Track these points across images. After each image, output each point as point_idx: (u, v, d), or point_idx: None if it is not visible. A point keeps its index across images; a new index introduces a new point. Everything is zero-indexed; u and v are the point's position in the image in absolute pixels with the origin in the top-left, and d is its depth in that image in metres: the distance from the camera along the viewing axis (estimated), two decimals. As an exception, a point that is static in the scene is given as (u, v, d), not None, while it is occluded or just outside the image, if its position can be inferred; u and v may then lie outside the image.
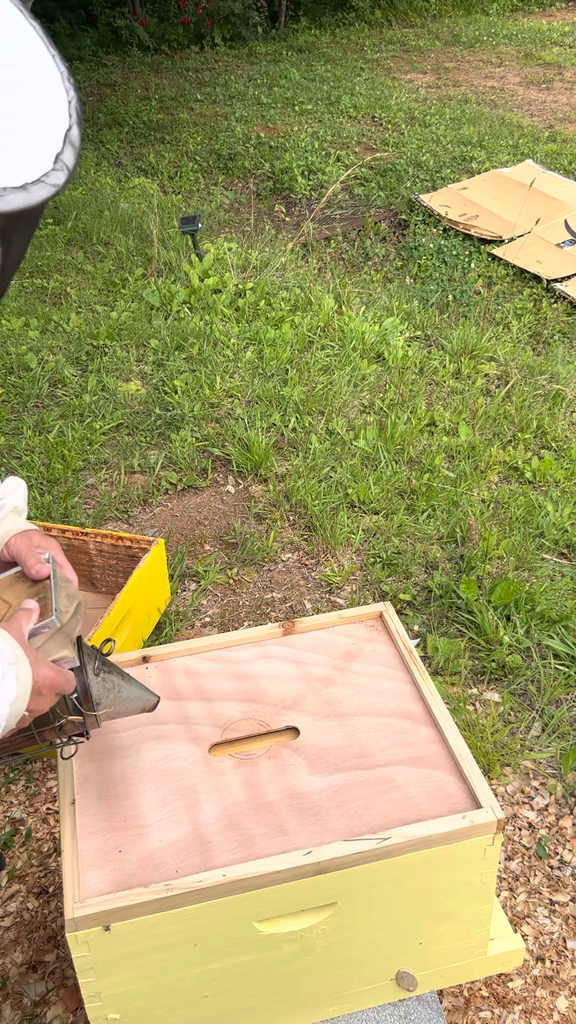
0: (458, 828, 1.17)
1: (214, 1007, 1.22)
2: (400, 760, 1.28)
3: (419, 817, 1.19)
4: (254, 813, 1.21)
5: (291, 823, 1.19)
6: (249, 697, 1.39)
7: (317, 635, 1.51)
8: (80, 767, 1.29)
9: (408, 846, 1.16)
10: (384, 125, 6.94)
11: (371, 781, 1.25)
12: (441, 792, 1.23)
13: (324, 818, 1.20)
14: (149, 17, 9.85)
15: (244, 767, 1.28)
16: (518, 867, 1.78)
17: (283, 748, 1.31)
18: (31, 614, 1.01)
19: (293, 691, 1.40)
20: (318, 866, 1.13)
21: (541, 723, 2.06)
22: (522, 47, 9.06)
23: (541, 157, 5.88)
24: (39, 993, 1.57)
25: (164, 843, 1.17)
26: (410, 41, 9.61)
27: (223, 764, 1.28)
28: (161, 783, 1.25)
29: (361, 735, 1.32)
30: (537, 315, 4.06)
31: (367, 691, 1.39)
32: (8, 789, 1.94)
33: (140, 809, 1.22)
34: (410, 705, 1.37)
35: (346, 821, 1.19)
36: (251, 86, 8.13)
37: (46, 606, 1.03)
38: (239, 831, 1.18)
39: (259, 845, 1.16)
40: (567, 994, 1.57)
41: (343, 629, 1.51)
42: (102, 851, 1.17)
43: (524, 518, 2.65)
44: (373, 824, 1.19)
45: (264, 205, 5.71)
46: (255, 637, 1.50)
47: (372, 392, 3.31)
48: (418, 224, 5.06)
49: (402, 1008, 1.33)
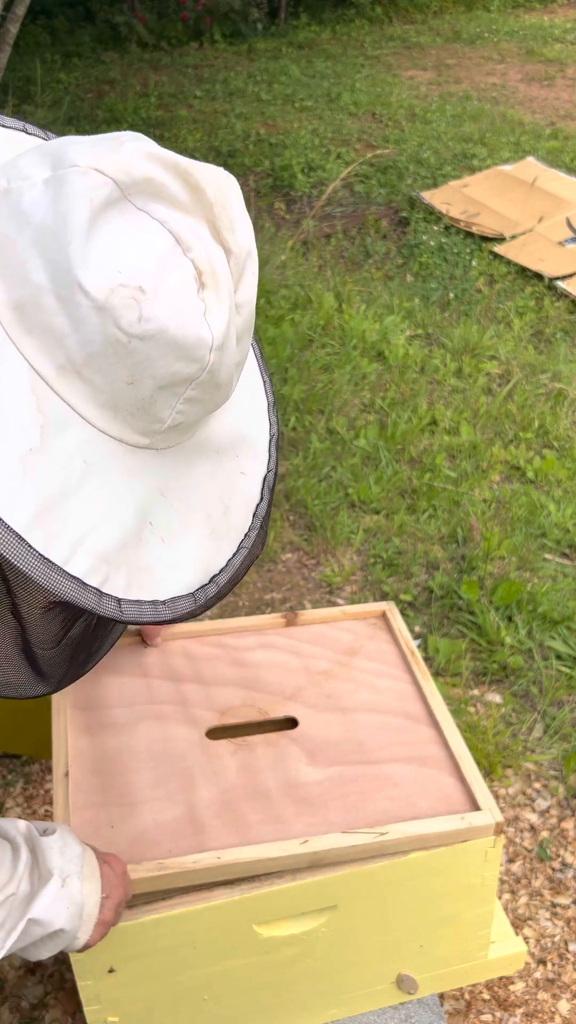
0: (456, 829, 1.16)
1: (213, 1010, 1.21)
2: (399, 758, 1.27)
3: (417, 815, 1.18)
4: (250, 799, 1.19)
5: (288, 811, 1.18)
6: (248, 685, 1.37)
7: (319, 628, 1.50)
8: (75, 740, 1.27)
9: (405, 843, 1.15)
10: (385, 122, 6.92)
11: (370, 777, 1.24)
12: (440, 792, 1.22)
13: (321, 809, 1.19)
14: (148, 14, 9.82)
15: (242, 753, 1.26)
16: (519, 869, 1.77)
17: (282, 737, 1.29)
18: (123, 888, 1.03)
19: (293, 682, 1.38)
20: (315, 856, 1.12)
21: (543, 725, 2.05)
22: (523, 44, 9.03)
23: (543, 154, 5.87)
24: (37, 996, 1.57)
25: (158, 823, 1.16)
26: (411, 38, 9.58)
27: (220, 748, 1.27)
28: (156, 763, 1.24)
29: (360, 731, 1.31)
30: (539, 313, 4.05)
31: (368, 688, 1.39)
32: (6, 791, 1.93)
33: (134, 787, 1.20)
34: (411, 705, 1.36)
35: (343, 814, 1.18)
36: (251, 83, 8.11)
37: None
38: (235, 816, 1.17)
39: (255, 831, 1.15)
40: (569, 997, 1.56)
41: (345, 625, 1.50)
42: (94, 825, 1.15)
43: (526, 518, 2.64)
44: (371, 819, 1.18)
45: (264, 202, 5.69)
46: (256, 625, 1.49)
47: (373, 391, 3.30)
48: (419, 221, 5.04)
49: (403, 1011, 1.32)
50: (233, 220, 0.69)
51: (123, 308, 0.64)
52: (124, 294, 0.64)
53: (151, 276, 0.65)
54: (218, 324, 0.68)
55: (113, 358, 0.65)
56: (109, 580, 0.68)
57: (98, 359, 0.65)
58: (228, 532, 0.78)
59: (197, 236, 0.67)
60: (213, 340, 0.68)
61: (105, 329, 0.64)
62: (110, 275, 0.64)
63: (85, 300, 0.63)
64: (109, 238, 0.64)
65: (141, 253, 0.65)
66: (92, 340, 0.65)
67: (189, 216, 0.67)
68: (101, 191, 0.64)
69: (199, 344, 0.67)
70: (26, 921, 0.89)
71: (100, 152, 0.65)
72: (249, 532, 0.80)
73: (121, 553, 0.69)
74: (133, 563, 0.70)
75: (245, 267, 0.71)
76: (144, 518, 0.71)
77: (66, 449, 0.67)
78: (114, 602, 0.68)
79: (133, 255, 0.64)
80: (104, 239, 0.64)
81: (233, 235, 0.69)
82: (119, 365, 0.66)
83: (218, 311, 0.68)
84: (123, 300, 0.64)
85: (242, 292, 0.71)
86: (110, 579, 0.68)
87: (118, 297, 0.64)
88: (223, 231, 0.69)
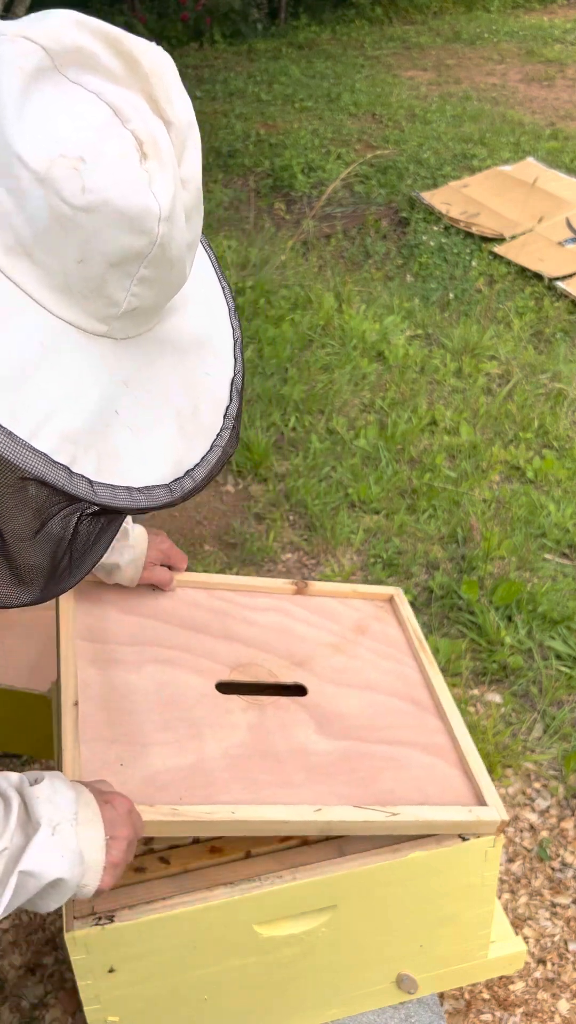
0: (464, 820, 1.15)
1: (214, 1010, 1.21)
2: (406, 742, 1.25)
3: (425, 801, 1.16)
4: (261, 759, 1.16)
5: (297, 777, 1.15)
6: (257, 645, 1.34)
7: (328, 602, 1.47)
8: (83, 671, 1.21)
9: (413, 827, 1.13)
10: (385, 122, 6.92)
11: (378, 755, 1.22)
12: (447, 783, 1.21)
13: (331, 780, 1.16)
14: (148, 14, 9.82)
15: (252, 711, 1.23)
16: (519, 869, 1.77)
17: (292, 703, 1.26)
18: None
19: (302, 650, 1.35)
20: (327, 825, 1.10)
21: (543, 724, 2.05)
22: (523, 44, 9.04)
23: (543, 155, 5.87)
24: (37, 996, 1.57)
25: (168, 767, 1.12)
26: (411, 38, 9.58)
27: (231, 703, 1.23)
28: (165, 708, 1.20)
29: (368, 709, 1.29)
30: (539, 313, 4.05)
31: (375, 668, 1.36)
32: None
33: (144, 728, 1.16)
34: (418, 692, 1.34)
35: (352, 788, 1.16)
36: (251, 83, 8.11)
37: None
38: (245, 773, 1.13)
39: (265, 791, 1.12)
40: (568, 997, 1.56)
41: (354, 603, 1.48)
42: (103, 760, 1.11)
43: (526, 518, 2.64)
44: (380, 798, 1.15)
45: (264, 203, 5.69)
46: (266, 587, 1.46)
47: (373, 391, 3.30)
48: (419, 222, 5.04)
49: (403, 1011, 1.32)
50: (170, 91, 0.68)
51: (65, 179, 0.62)
52: (65, 164, 0.62)
53: (91, 146, 0.63)
54: (164, 194, 0.66)
55: (61, 234, 0.64)
56: (78, 461, 0.68)
57: (46, 237, 0.64)
58: (199, 431, 0.79)
59: (135, 108, 0.66)
60: (160, 210, 0.66)
61: (49, 202, 0.63)
62: (48, 146, 0.62)
63: (25, 172, 0.62)
64: (44, 109, 0.63)
65: (78, 124, 0.63)
66: (37, 216, 0.63)
67: (125, 88, 0.66)
68: (30, 59, 0.63)
69: (146, 214, 0.66)
70: (17, 874, 0.86)
71: (27, 21, 0.65)
72: (222, 432, 0.80)
73: (89, 436, 0.69)
74: (102, 448, 0.70)
75: (187, 140, 0.70)
76: (109, 406, 0.71)
77: (24, 330, 0.66)
78: (85, 483, 0.68)
79: (70, 126, 0.63)
80: (39, 110, 0.63)
81: (172, 107, 0.68)
82: (68, 242, 0.65)
83: (162, 181, 0.66)
84: (64, 171, 0.62)
85: (186, 166, 0.70)
86: (79, 460, 0.68)
87: (59, 168, 0.62)
88: (161, 103, 0.67)
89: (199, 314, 0.82)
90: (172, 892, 1.11)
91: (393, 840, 1.17)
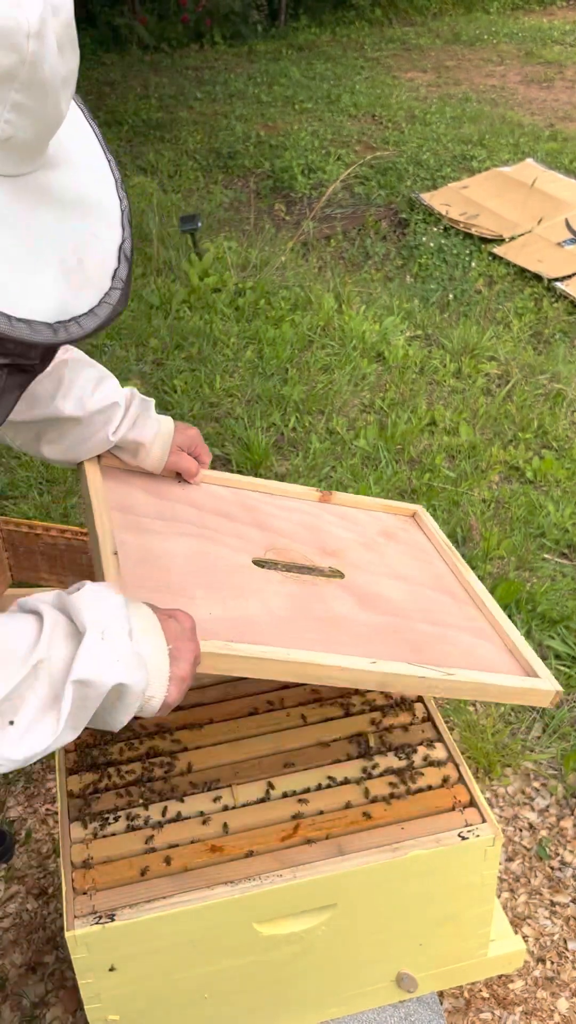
0: (520, 687, 1.10)
1: (214, 1008, 1.22)
2: (450, 624, 1.21)
3: (481, 668, 1.11)
4: (306, 621, 1.10)
5: (344, 639, 1.09)
6: (288, 535, 1.28)
7: (353, 511, 1.43)
8: (119, 535, 1.13)
9: (468, 689, 1.09)
10: (384, 123, 6.93)
11: (423, 631, 1.16)
12: (497, 658, 1.16)
13: (380, 645, 1.10)
14: (148, 15, 9.83)
15: (291, 584, 1.17)
16: (519, 868, 1.77)
17: (329, 582, 1.21)
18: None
19: (332, 543, 1.30)
20: (383, 678, 1.04)
21: (542, 724, 2.05)
22: (523, 45, 9.04)
23: (542, 156, 5.88)
24: (38, 994, 1.57)
25: (214, 616, 1.05)
26: (410, 39, 9.59)
27: (270, 575, 1.17)
28: (204, 574, 1.13)
29: (407, 595, 1.24)
30: (538, 314, 4.05)
31: (408, 565, 1.31)
32: (8, 790, 1.94)
33: (184, 585, 1.09)
34: (453, 586, 1.30)
35: (404, 651, 1.10)
36: (251, 84, 8.11)
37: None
38: (293, 630, 1.08)
39: (316, 648, 1.06)
40: (568, 995, 1.57)
41: (379, 516, 1.45)
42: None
43: (525, 518, 2.64)
44: (435, 661, 1.10)
45: (264, 204, 5.70)
46: (291, 491, 1.41)
47: (372, 391, 3.30)
48: (419, 223, 5.05)
49: (402, 1009, 1.32)
50: None
51: None
52: None
53: None
54: (32, 9, 0.66)
55: None
56: None
57: None
58: (86, 284, 0.80)
59: None
60: (29, 25, 0.66)
61: None
62: None
63: None
64: None
65: None
66: None
67: None
68: None
69: (14, 30, 0.66)
70: (71, 685, 0.81)
71: None
72: (111, 292, 0.82)
73: None
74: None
75: None
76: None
77: None
78: None
79: None
80: None
81: None
82: None
83: (31, 0, 0.67)
84: None
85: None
86: None
87: None
88: None
89: (85, 180, 0.83)
90: (173, 891, 1.11)
91: (393, 840, 1.17)
